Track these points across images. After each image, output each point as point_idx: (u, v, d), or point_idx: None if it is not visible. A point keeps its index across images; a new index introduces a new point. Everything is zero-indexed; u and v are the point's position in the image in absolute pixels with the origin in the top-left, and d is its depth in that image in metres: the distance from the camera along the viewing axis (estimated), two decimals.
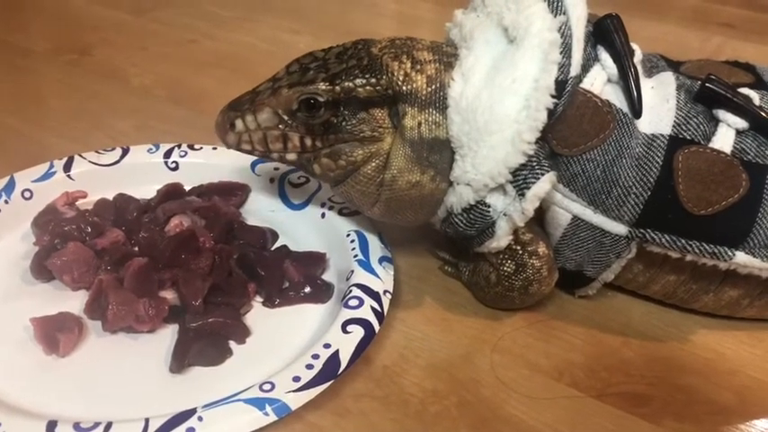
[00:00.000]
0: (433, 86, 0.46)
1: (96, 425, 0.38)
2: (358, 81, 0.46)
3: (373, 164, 0.47)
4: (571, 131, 0.45)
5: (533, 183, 0.44)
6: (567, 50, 0.44)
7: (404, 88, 0.46)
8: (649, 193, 0.45)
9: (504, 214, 0.46)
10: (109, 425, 0.38)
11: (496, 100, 0.43)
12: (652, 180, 0.44)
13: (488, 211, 0.46)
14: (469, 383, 0.46)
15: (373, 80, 0.46)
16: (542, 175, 0.44)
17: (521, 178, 0.44)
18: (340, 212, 0.55)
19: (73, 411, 0.41)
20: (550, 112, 0.43)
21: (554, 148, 0.45)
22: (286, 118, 0.46)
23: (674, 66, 0.50)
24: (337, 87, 0.45)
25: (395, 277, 0.50)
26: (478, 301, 0.52)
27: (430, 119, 0.46)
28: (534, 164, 0.44)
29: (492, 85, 0.44)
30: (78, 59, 0.88)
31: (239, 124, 0.47)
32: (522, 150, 0.43)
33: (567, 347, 0.49)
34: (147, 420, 0.39)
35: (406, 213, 0.49)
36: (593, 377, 0.47)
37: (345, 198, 0.50)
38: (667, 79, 0.48)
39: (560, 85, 0.44)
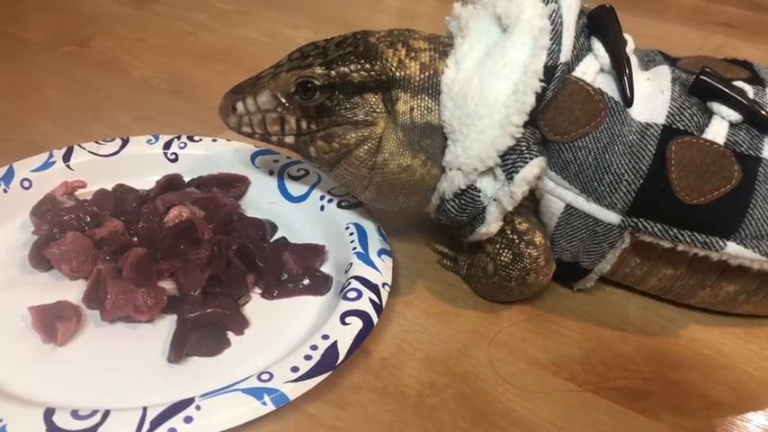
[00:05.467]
0: (427, 73, 0.47)
1: (94, 413, 0.38)
2: (353, 66, 0.46)
3: (366, 147, 0.47)
4: (563, 118, 0.46)
5: (522, 166, 0.44)
6: (556, 37, 0.45)
7: (397, 74, 0.47)
8: (642, 180, 0.45)
9: (494, 199, 0.46)
10: (107, 413, 0.38)
11: (486, 85, 0.44)
12: (644, 168, 0.45)
13: (479, 196, 0.46)
14: (467, 377, 0.46)
15: (368, 66, 0.46)
16: (531, 159, 0.44)
17: (509, 162, 0.45)
18: (339, 205, 0.55)
19: (71, 400, 0.41)
20: (539, 97, 0.44)
21: (546, 135, 0.46)
22: (284, 101, 0.47)
23: (671, 61, 0.51)
24: (332, 72, 0.46)
25: (393, 270, 0.50)
26: (477, 295, 0.52)
27: (422, 104, 0.47)
28: (523, 148, 0.45)
29: (483, 71, 0.45)
30: (77, 51, 0.87)
31: (240, 107, 0.48)
32: (511, 133, 0.44)
33: (565, 342, 0.49)
34: (144, 409, 0.39)
35: (397, 198, 0.49)
36: (590, 371, 0.47)
37: (340, 182, 0.51)
38: (663, 72, 0.48)
39: (549, 70, 0.44)
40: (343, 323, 0.45)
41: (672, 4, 1.13)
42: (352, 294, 0.47)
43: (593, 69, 0.46)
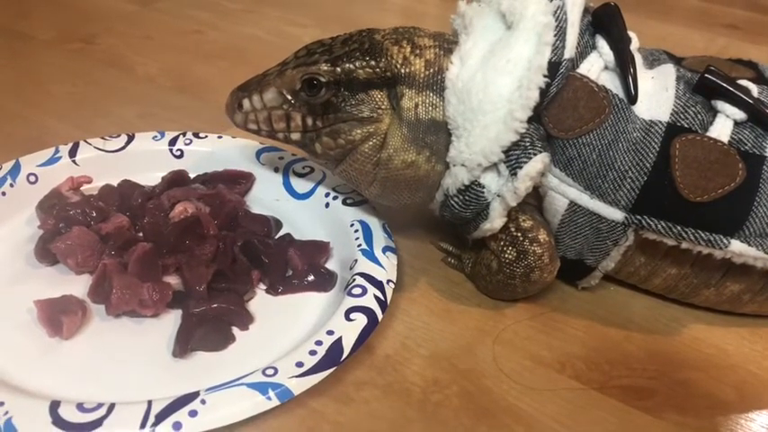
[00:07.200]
0: (432, 69, 0.47)
1: (99, 406, 0.38)
2: (358, 63, 0.47)
3: (371, 143, 0.47)
4: (567, 115, 0.46)
5: (525, 162, 0.45)
6: (560, 33, 0.45)
7: (402, 71, 0.47)
8: (645, 178, 0.45)
9: (498, 195, 0.46)
10: (112, 406, 0.38)
11: (491, 81, 0.44)
12: (648, 165, 0.45)
13: (482, 192, 0.47)
14: (471, 374, 0.46)
15: (373, 62, 0.47)
16: (534, 155, 0.45)
17: (513, 158, 0.45)
18: (344, 202, 0.55)
19: (76, 393, 0.41)
20: (543, 93, 0.44)
21: (550, 132, 0.46)
22: (290, 98, 0.48)
23: (676, 60, 0.51)
24: (338, 68, 0.47)
25: (398, 267, 0.50)
26: (481, 292, 0.52)
27: (427, 101, 0.47)
28: (527, 144, 0.45)
29: (487, 67, 0.45)
30: (83, 48, 0.88)
31: (246, 104, 0.48)
32: (514, 129, 0.44)
33: (570, 340, 0.49)
34: (149, 403, 0.39)
35: (402, 194, 0.50)
36: (595, 370, 0.47)
37: (345, 178, 0.51)
38: (668, 70, 0.48)
39: (553, 66, 0.44)
40: (348, 319, 0.45)
41: (676, 5, 1.13)
42: (356, 291, 0.47)
43: (597, 66, 0.47)
